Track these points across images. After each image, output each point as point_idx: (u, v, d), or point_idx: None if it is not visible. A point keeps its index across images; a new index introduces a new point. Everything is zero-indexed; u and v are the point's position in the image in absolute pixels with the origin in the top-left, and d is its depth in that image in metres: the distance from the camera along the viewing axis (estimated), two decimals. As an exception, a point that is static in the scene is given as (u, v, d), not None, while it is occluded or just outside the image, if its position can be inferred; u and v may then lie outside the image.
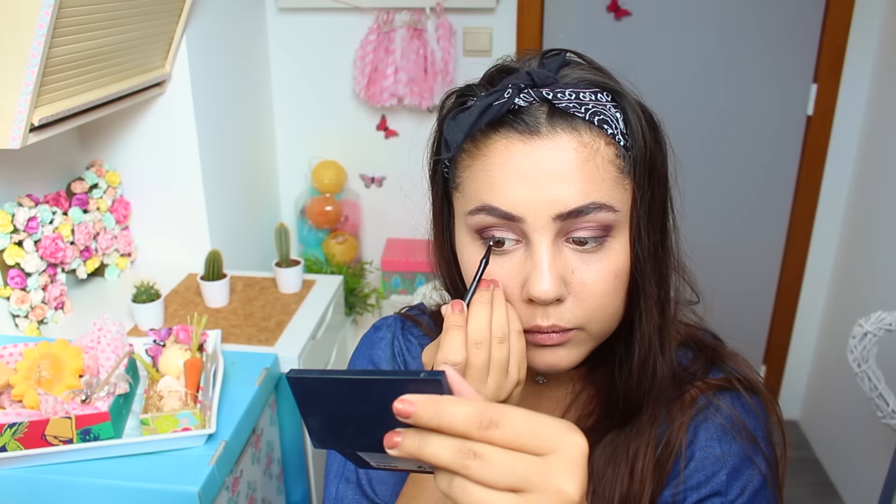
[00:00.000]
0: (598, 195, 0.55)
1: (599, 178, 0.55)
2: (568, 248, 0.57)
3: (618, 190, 0.56)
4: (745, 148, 2.34)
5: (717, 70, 2.28)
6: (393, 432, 0.41)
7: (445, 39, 2.22)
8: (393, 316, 0.80)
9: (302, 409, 0.44)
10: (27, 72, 1.22)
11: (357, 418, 0.43)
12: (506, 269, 0.58)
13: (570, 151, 0.55)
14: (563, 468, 0.38)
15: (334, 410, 0.43)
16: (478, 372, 0.55)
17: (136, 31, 1.54)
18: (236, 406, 1.31)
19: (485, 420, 0.39)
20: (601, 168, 0.56)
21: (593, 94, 0.57)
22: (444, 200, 0.66)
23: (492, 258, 0.59)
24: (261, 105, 2.37)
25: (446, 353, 0.55)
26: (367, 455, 0.46)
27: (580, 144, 0.55)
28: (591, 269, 0.57)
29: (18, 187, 1.60)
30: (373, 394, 0.41)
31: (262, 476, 1.46)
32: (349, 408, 0.43)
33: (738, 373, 0.67)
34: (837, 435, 2.33)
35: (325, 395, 0.43)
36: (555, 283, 0.55)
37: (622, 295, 0.59)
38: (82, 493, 1.15)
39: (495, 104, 0.56)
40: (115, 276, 1.85)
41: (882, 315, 1.44)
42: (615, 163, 0.56)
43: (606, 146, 0.56)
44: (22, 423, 1.13)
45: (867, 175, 2.19)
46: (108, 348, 1.28)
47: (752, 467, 0.63)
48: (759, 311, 2.54)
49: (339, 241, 2.42)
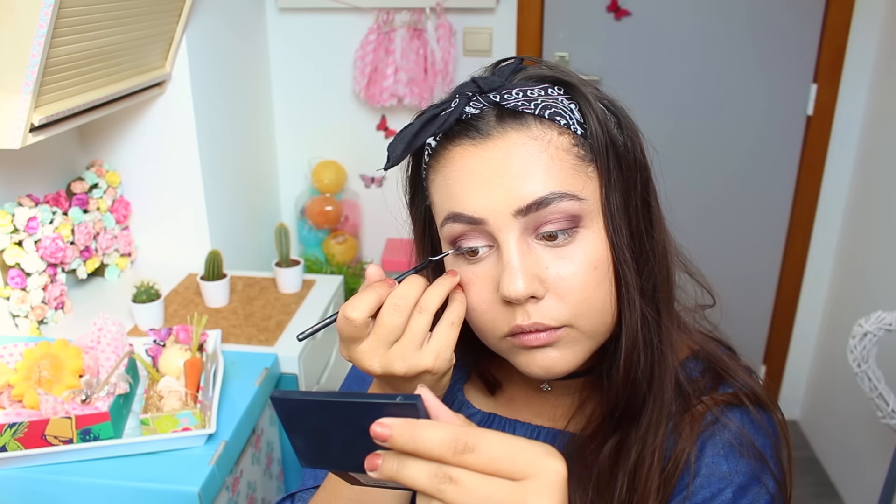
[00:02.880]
0: (555, 185, 0.54)
1: (556, 168, 0.55)
2: (539, 245, 0.56)
3: (578, 178, 0.56)
4: (745, 148, 2.34)
5: (717, 70, 2.28)
6: (374, 455, 0.42)
7: (445, 39, 2.22)
8: None
9: (287, 429, 0.45)
10: (27, 72, 1.22)
11: (340, 439, 0.43)
12: (481, 275, 0.58)
13: (520, 147, 0.55)
14: (540, 494, 0.38)
15: (318, 431, 0.44)
16: (386, 333, 0.55)
17: (136, 31, 1.54)
18: (236, 406, 1.31)
19: (460, 445, 0.39)
20: (556, 158, 0.55)
21: (543, 90, 0.57)
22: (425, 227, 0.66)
23: (467, 267, 0.58)
24: (261, 105, 2.37)
25: (346, 305, 0.55)
26: (356, 474, 0.47)
27: (530, 138, 0.55)
28: (566, 262, 0.56)
29: (18, 187, 1.60)
30: (352, 416, 0.42)
31: (262, 476, 1.46)
32: (332, 429, 0.44)
33: (748, 388, 0.65)
34: (837, 435, 2.33)
35: (308, 416, 0.44)
36: (525, 280, 0.54)
37: (607, 287, 0.57)
38: (82, 493, 1.15)
39: (441, 114, 0.56)
40: (115, 276, 1.85)
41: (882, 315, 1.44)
42: (572, 151, 0.56)
43: (560, 136, 0.56)
44: (22, 423, 1.13)
45: (867, 175, 2.19)
46: (108, 348, 1.28)
47: (760, 486, 0.61)
48: (759, 311, 2.54)
49: (339, 241, 2.42)
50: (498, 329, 0.58)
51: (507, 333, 0.58)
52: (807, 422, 2.57)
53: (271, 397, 0.44)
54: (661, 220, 0.62)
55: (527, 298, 0.55)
